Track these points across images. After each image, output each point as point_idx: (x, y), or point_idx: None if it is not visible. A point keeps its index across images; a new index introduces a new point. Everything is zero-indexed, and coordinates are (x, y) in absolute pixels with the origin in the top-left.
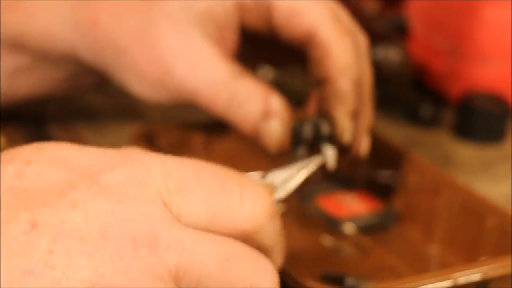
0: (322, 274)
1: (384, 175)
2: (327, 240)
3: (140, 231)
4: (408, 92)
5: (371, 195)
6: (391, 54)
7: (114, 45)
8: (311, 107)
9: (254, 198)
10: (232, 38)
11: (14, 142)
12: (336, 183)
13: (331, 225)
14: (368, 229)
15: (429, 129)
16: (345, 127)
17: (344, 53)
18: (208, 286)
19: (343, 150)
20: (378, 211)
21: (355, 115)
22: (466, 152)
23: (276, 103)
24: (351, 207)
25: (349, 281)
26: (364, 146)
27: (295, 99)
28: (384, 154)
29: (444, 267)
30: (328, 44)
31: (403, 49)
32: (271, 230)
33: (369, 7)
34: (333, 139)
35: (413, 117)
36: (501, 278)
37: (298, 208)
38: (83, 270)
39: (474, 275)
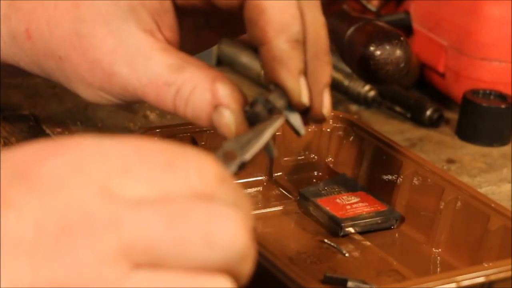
0: (324, 276)
1: (386, 176)
2: (329, 242)
3: (74, 220)
4: (412, 91)
5: (373, 196)
6: (395, 52)
7: (51, 54)
8: None
9: (199, 168)
10: (170, 23)
11: (12, 142)
12: (338, 185)
13: (333, 226)
14: (370, 230)
15: (432, 129)
16: (294, 89)
17: (279, 10)
18: (163, 252)
19: (305, 112)
20: (380, 212)
21: (310, 73)
22: (469, 153)
23: (223, 90)
24: (353, 208)
25: (352, 283)
26: (326, 103)
27: None
28: (387, 155)
29: (447, 268)
30: (261, 2)
31: (407, 48)
32: (226, 192)
33: (372, 5)
34: (291, 105)
35: (416, 117)
36: (504, 280)
37: (299, 209)
38: (23, 270)
39: (478, 278)
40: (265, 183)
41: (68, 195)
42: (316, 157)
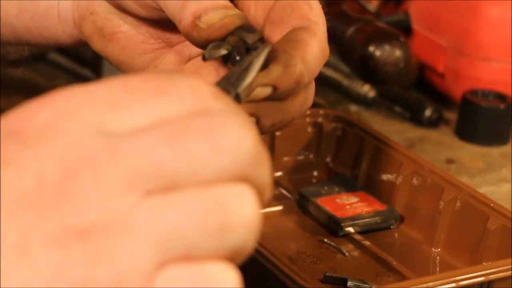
0: (324, 276)
1: (386, 175)
2: (328, 242)
3: (73, 161)
4: (411, 91)
5: (372, 196)
6: (394, 53)
7: None
8: None
9: (192, 88)
10: None
11: None
12: (337, 184)
13: (333, 226)
14: (370, 230)
15: (431, 129)
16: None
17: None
18: (171, 171)
19: None
20: (379, 212)
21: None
22: (469, 153)
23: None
24: (353, 208)
25: (351, 283)
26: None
27: None
28: (386, 155)
29: (447, 268)
30: None
31: (406, 48)
32: (224, 106)
33: (372, 6)
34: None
35: (415, 117)
36: (504, 280)
37: (299, 209)
38: (32, 222)
39: (477, 277)
40: None
41: (63, 139)
42: (315, 157)
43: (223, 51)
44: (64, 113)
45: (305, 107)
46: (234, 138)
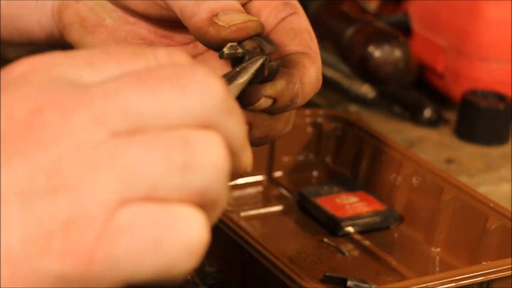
0: (324, 276)
1: (385, 175)
2: (328, 241)
3: (42, 101)
4: (411, 91)
5: (372, 196)
6: (394, 53)
7: None
8: None
9: (168, 53)
10: None
11: None
12: (337, 184)
13: (333, 226)
14: (370, 230)
15: (431, 129)
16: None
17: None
18: (138, 111)
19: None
20: (379, 212)
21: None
22: (468, 153)
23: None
24: (353, 208)
25: (351, 283)
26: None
27: None
28: (386, 155)
29: (446, 268)
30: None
31: (406, 48)
32: (197, 68)
33: (371, 6)
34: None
35: (415, 117)
36: (503, 279)
37: (299, 209)
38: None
39: (477, 277)
40: (265, 183)
41: (35, 85)
42: (315, 157)
43: (240, 53)
44: (40, 66)
45: (286, 129)
46: (202, 83)
